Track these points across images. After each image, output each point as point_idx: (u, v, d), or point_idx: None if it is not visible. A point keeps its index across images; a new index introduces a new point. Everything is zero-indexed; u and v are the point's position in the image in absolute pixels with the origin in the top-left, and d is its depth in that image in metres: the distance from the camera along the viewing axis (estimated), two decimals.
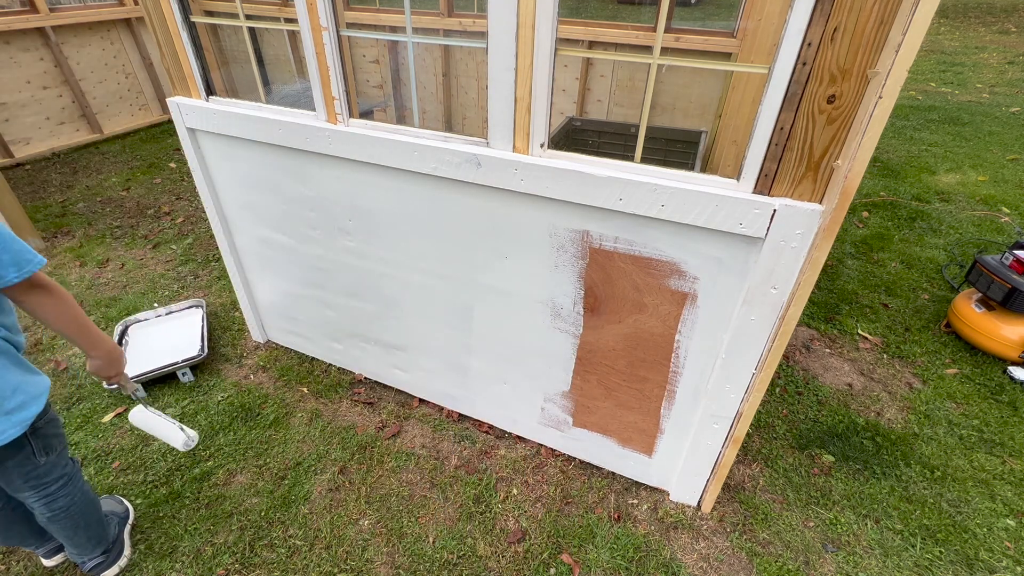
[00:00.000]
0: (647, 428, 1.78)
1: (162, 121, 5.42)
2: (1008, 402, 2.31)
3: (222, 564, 1.69)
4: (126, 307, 2.81)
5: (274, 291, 2.34)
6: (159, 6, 1.71)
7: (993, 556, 1.74)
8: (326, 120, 1.65)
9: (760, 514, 1.86)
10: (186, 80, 1.85)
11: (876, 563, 1.72)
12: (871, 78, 1.01)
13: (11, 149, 4.38)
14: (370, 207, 1.77)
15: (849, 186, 1.03)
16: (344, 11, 3.57)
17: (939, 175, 4.51)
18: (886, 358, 2.57)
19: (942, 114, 6.06)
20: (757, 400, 1.47)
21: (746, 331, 1.39)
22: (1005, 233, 3.58)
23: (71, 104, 4.70)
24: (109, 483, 1.93)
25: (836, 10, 0.98)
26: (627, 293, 1.52)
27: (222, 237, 2.22)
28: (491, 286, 1.73)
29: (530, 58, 1.25)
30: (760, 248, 1.25)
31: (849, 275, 3.18)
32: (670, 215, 1.30)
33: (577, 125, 2.72)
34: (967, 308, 2.57)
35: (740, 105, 2.42)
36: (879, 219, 3.82)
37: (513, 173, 1.41)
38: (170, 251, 3.35)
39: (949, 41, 10.54)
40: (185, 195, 4.05)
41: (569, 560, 1.72)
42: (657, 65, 1.23)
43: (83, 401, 2.26)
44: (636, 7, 14.09)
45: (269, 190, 1.96)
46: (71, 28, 4.57)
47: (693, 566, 1.71)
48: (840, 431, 2.17)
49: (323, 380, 2.39)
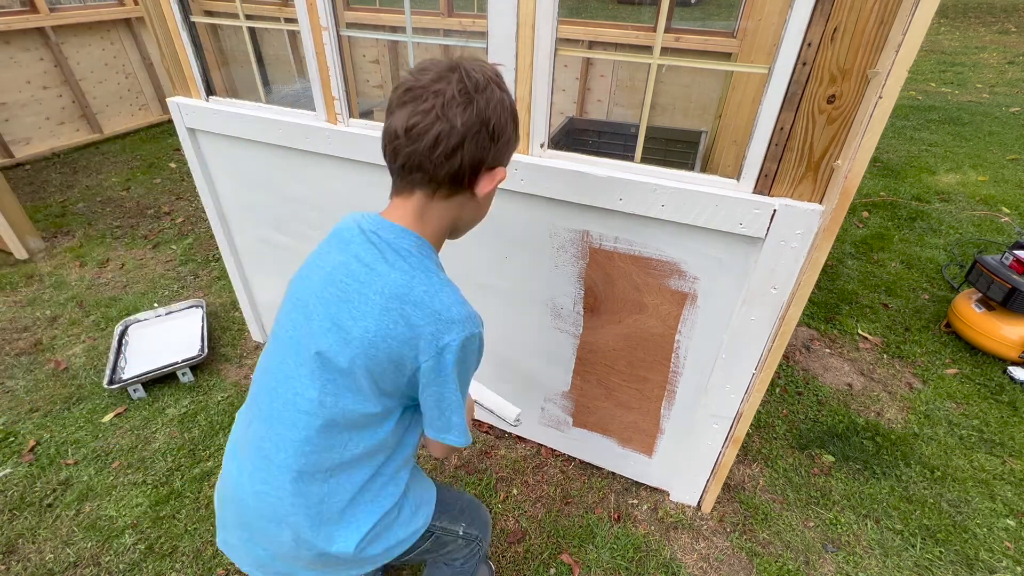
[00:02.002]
0: (647, 428, 1.78)
1: (162, 121, 5.41)
2: (1008, 402, 2.31)
3: (222, 564, 1.69)
4: (126, 307, 2.81)
5: (274, 291, 2.34)
6: (159, 6, 1.71)
7: (993, 556, 1.74)
8: (326, 120, 1.65)
9: (760, 514, 1.85)
10: (186, 80, 1.85)
11: (876, 563, 1.72)
12: (871, 78, 1.01)
13: (11, 149, 4.38)
14: (370, 207, 1.77)
15: (849, 186, 1.03)
16: (344, 11, 3.57)
17: (939, 175, 4.51)
18: (886, 358, 2.57)
19: (942, 114, 6.06)
20: (757, 400, 1.47)
21: (746, 331, 1.39)
22: (1005, 233, 3.58)
23: (71, 104, 4.70)
24: (109, 483, 1.93)
25: (836, 10, 0.98)
26: (627, 293, 1.52)
27: (222, 237, 2.22)
28: (491, 286, 1.73)
29: (530, 58, 1.25)
30: (760, 248, 1.25)
31: (849, 275, 3.18)
32: (670, 215, 1.30)
33: (577, 125, 2.72)
34: (967, 308, 2.57)
35: (740, 105, 2.42)
36: (879, 219, 3.82)
37: (513, 173, 1.41)
38: (170, 251, 3.35)
39: (949, 41, 10.54)
40: (185, 195, 4.05)
41: (569, 560, 1.72)
42: (657, 65, 1.23)
43: (83, 401, 2.26)
44: (636, 7, 14.08)
45: (269, 190, 1.96)
46: (71, 28, 4.57)
47: (693, 566, 1.71)
48: (840, 431, 2.17)
49: None
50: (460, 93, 0.76)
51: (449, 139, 0.77)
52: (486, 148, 0.81)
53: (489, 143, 0.81)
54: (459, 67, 0.78)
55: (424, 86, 0.77)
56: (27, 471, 1.97)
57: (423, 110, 0.77)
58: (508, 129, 0.83)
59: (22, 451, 2.04)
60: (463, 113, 0.77)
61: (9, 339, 2.59)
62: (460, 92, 0.76)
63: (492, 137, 0.80)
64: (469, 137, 0.78)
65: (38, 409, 2.22)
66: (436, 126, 0.76)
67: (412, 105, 0.78)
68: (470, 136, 0.78)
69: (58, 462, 2.00)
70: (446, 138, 0.77)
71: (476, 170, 0.83)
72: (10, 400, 2.26)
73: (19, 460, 2.01)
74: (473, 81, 0.77)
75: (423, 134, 0.77)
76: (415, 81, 0.78)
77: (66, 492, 1.90)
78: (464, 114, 0.77)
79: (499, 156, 0.85)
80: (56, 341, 2.58)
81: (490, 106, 0.79)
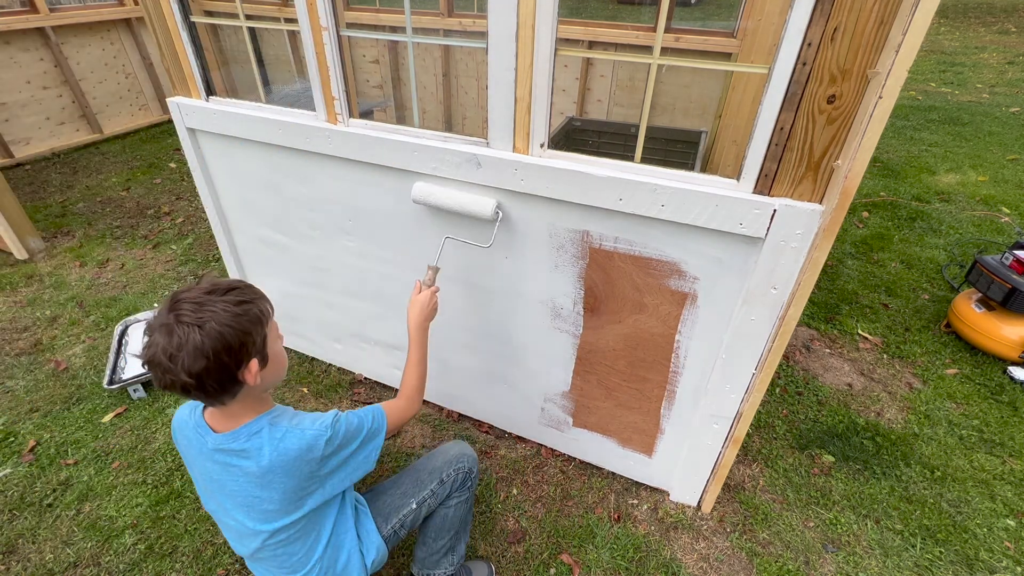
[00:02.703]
0: (647, 428, 1.78)
1: (162, 121, 5.42)
2: (1008, 402, 2.31)
3: (222, 564, 1.69)
4: (126, 307, 2.81)
5: (274, 291, 2.34)
6: (159, 6, 1.71)
7: (993, 556, 1.74)
8: (326, 120, 1.65)
9: (760, 514, 1.85)
10: (186, 80, 1.85)
11: (876, 563, 1.72)
12: (871, 78, 1.01)
13: (11, 149, 4.38)
14: (370, 207, 1.77)
15: (849, 186, 1.03)
16: (344, 11, 3.57)
17: (939, 175, 4.51)
18: (886, 358, 2.57)
19: (942, 114, 6.06)
20: (757, 400, 1.47)
21: (746, 331, 1.39)
22: (1005, 233, 3.58)
23: (71, 104, 4.70)
24: (109, 483, 1.93)
25: (836, 10, 0.98)
26: (627, 293, 1.52)
27: (222, 237, 2.22)
28: (491, 286, 1.73)
29: (530, 58, 1.25)
30: (760, 248, 1.25)
31: (849, 275, 3.18)
32: (670, 215, 1.30)
33: (577, 125, 2.72)
34: (967, 308, 2.57)
35: (740, 105, 2.42)
36: (879, 219, 3.82)
37: (513, 173, 1.41)
38: (170, 251, 3.35)
39: (949, 41, 10.54)
40: (185, 195, 4.05)
41: (569, 560, 1.72)
42: (657, 65, 1.23)
43: (83, 401, 2.26)
44: (636, 7, 14.08)
45: (269, 190, 1.96)
46: (71, 28, 4.57)
47: (693, 566, 1.71)
48: (840, 431, 2.17)
49: (323, 380, 2.39)
50: (164, 352, 0.92)
51: (188, 384, 0.93)
52: (225, 368, 0.96)
53: (221, 367, 0.95)
54: (170, 326, 0.92)
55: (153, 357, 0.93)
56: (27, 471, 1.97)
57: (165, 370, 0.93)
58: (233, 343, 0.96)
59: (22, 451, 2.04)
60: (192, 364, 0.92)
61: (9, 339, 2.59)
62: (164, 352, 0.92)
63: (219, 362, 0.94)
64: (203, 376, 0.93)
65: (38, 409, 2.22)
66: (176, 379, 0.93)
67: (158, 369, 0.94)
68: (202, 375, 0.93)
69: (58, 462, 2.00)
70: (189, 386, 0.94)
71: (233, 380, 0.99)
72: (10, 400, 2.26)
73: (19, 460, 2.01)
74: (179, 334, 0.92)
75: (173, 386, 0.95)
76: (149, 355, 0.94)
77: (66, 492, 1.90)
78: (193, 364, 0.92)
79: (242, 360, 0.98)
80: (56, 341, 2.58)
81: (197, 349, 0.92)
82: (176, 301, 0.95)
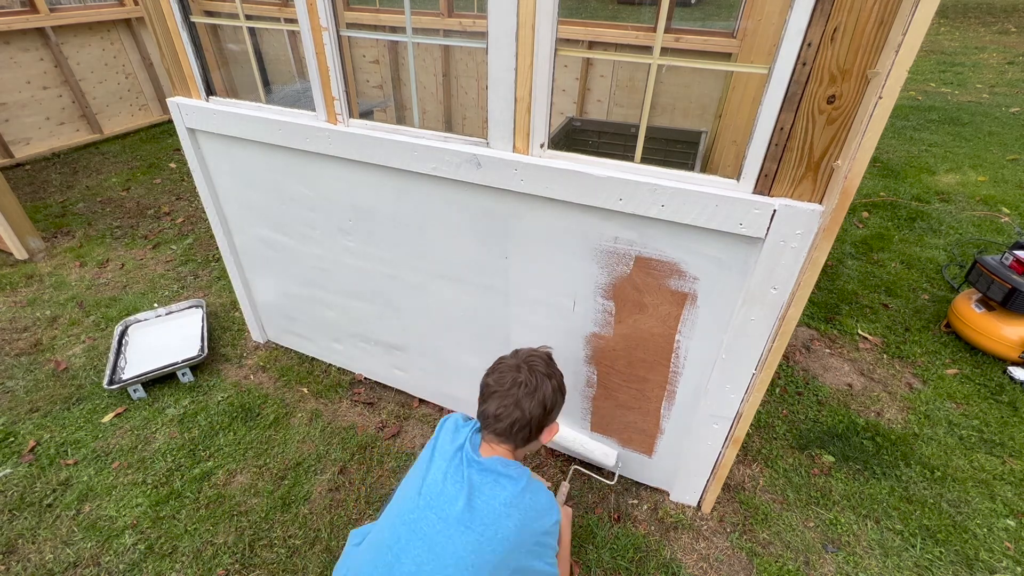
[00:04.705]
0: (647, 428, 1.78)
1: (162, 121, 5.42)
2: (1008, 402, 2.31)
3: (222, 564, 1.69)
4: (126, 307, 2.81)
5: (274, 291, 2.34)
6: (159, 6, 1.71)
7: (993, 556, 1.74)
8: (326, 120, 1.65)
9: (760, 514, 1.85)
10: (186, 80, 1.85)
11: (876, 563, 1.72)
12: (871, 78, 1.01)
13: (11, 149, 4.38)
14: (370, 207, 1.77)
15: (849, 186, 1.03)
16: (344, 11, 3.57)
17: (939, 175, 4.51)
18: (886, 358, 2.57)
19: (942, 114, 6.06)
20: (757, 400, 1.47)
21: (746, 331, 1.39)
22: (1005, 233, 3.58)
23: (71, 104, 4.71)
24: (109, 483, 1.93)
25: (836, 10, 0.98)
26: (627, 293, 1.52)
27: (222, 237, 2.22)
28: (491, 286, 1.73)
29: (530, 58, 1.25)
30: (760, 248, 1.25)
31: (849, 275, 3.18)
32: (670, 215, 1.30)
33: (577, 125, 2.72)
34: (967, 308, 2.57)
35: (740, 105, 2.42)
36: (879, 219, 3.82)
37: (513, 173, 1.41)
38: (170, 251, 3.35)
39: (949, 41, 10.54)
40: (185, 195, 4.05)
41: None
42: (657, 65, 1.23)
43: (83, 401, 2.26)
44: (636, 7, 14.09)
45: (269, 190, 1.96)
46: (71, 28, 4.57)
47: (693, 566, 1.71)
48: (840, 431, 2.17)
49: (323, 380, 2.39)
50: (525, 390, 1.20)
51: (522, 421, 1.20)
52: (545, 419, 1.24)
53: (546, 416, 1.24)
54: (523, 368, 1.23)
55: (505, 389, 1.21)
56: (27, 471, 1.97)
57: (505, 405, 1.20)
58: (558, 403, 1.27)
59: (22, 451, 2.04)
60: (530, 403, 1.20)
61: (9, 339, 2.59)
62: (525, 391, 1.20)
63: (547, 412, 1.23)
64: (535, 417, 1.20)
65: (38, 409, 2.22)
66: (514, 413, 1.19)
67: (497, 399, 1.21)
68: (536, 416, 1.21)
69: (58, 462, 2.00)
70: (520, 420, 1.19)
71: (540, 430, 1.26)
72: (10, 400, 2.26)
73: (19, 460, 2.01)
74: (535, 378, 1.22)
75: (505, 418, 1.20)
76: (498, 385, 1.23)
77: (66, 492, 1.90)
78: (531, 403, 1.20)
79: (553, 418, 1.28)
80: (56, 341, 2.58)
81: (547, 395, 1.23)
82: (530, 356, 1.26)
